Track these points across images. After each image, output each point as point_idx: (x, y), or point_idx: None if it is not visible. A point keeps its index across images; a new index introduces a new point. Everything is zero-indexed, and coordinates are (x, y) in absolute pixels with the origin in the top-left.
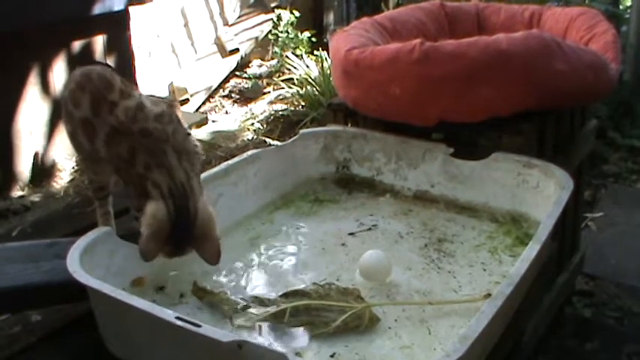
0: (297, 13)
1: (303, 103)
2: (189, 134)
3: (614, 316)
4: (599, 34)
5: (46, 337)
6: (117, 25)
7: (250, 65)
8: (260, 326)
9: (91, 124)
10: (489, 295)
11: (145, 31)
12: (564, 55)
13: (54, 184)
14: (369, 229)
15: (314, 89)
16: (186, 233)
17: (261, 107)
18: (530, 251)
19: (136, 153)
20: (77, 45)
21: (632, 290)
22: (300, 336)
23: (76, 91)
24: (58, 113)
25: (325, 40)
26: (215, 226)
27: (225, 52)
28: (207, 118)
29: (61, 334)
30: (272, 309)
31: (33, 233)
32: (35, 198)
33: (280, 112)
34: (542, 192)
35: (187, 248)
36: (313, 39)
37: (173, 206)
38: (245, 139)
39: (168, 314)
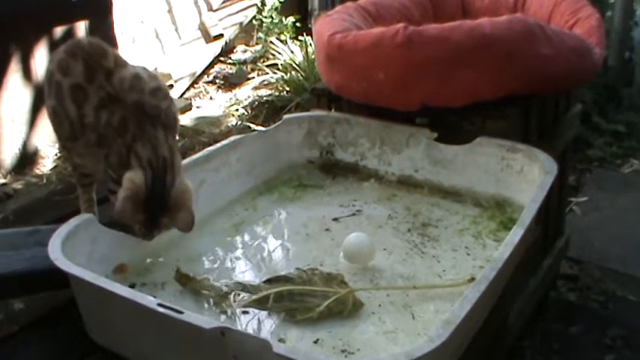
0: None
1: (287, 89)
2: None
3: (599, 300)
4: (584, 19)
5: (28, 326)
6: (99, 11)
7: (235, 51)
8: (243, 312)
9: (82, 89)
10: (473, 279)
11: (128, 17)
12: (548, 39)
13: (36, 171)
14: (353, 214)
15: (298, 74)
16: (161, 205)
17: (246, 93)
18: (514, 235)
19: (127, 124)
20: (59, 31)
21: (616, 274)
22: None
23: (66, 59)
24: (40, 100)
25: (310, 25)
26: (191, 198)
27: (209, 38)
28: (191, 104)
29: (44, 322)
30: (255, 295)
31: (15, 221)
32: (18, 185)
33: (265, 98)
34: (526, 176)
35: (161, 222)
36: (298, 24)
37: (151, 177)
38: (229, 124)
39: (150, 301)
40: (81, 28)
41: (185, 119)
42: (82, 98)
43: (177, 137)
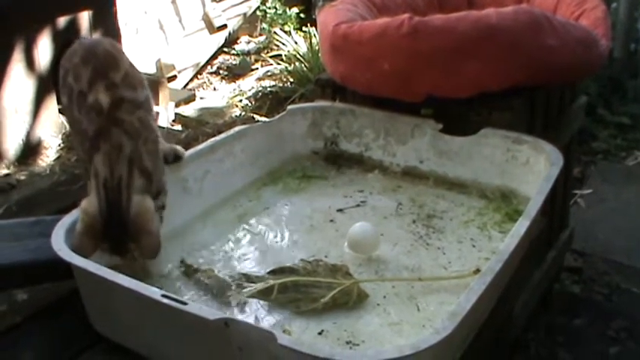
0: None
1: (291, 80)
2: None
3: (603, 293)
4: (590, 10)
5: (31, 316)
6: (103, 1)
7: (238, 41)
8: (247, 303)
9: (84, 95)
10: (478, 270)
11: (132, 7)
12: (554, 30)
13: (40, 162)
14: (358, 205)
15: (302, 65)
16: (121, 229)
17: (250, 84)
18: (520, 227)
19: (101, 135)
20: (62, 21)
21: (620, 266)
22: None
23: (79, 65)
24: (43, 90)
25: (314, 16)
26: (152, 219)
27: (212, 29)
28: (194, 94)
29: (47, 313)
30: (260, 286)
31: (19, 211)
32: (21, 176)
33: (268, 89)
34: (532, 168)
35: (129, 245)
36: (302, 15)
37: (105, 200)
38: (233, 115)
39: (154, 292)
40: (84, 18)
41: (189, 110)
42: (81, 104)
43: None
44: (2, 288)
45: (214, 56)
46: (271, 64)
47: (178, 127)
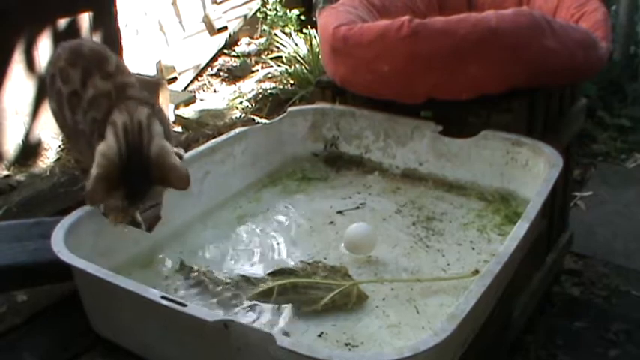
0: None
1: (291, 82)
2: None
3: (602, 295)
4: (589, 13)
5: (31, 317)
6: (103, 2)
7: (239, 43)
8: (247, 305)
9: (77, 95)
10: (477, 271)
11: (132, 9)
12: (554, 32)
13: (40, 163)
14: (358, 207)
15: (303, 67)
16: (141, 172)
17: (250, 85)
18: (519, 229)
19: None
20: (62, 22)
21: (620, 269)
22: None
23: (66, 68)
24: (44, 91)
25: (314, 18)
26: (170, 155)
27: (213, 30)
28: (195, 96)
29: (47, 314)
30: (259, 287)
31: (19, 213)
32: (21, 177)
33: (269, 91)
34: (531, 170)
35: (146, 193)
36: (302, 17)
37: (125, 143)
38: (233, 117)
39: (153, 293)
40: (84, 19)
41: (189, 112)
42: (76, 105)
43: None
44: (2, 289)
45: (215, 58)
46: (271, 66)
47: (178, 128)
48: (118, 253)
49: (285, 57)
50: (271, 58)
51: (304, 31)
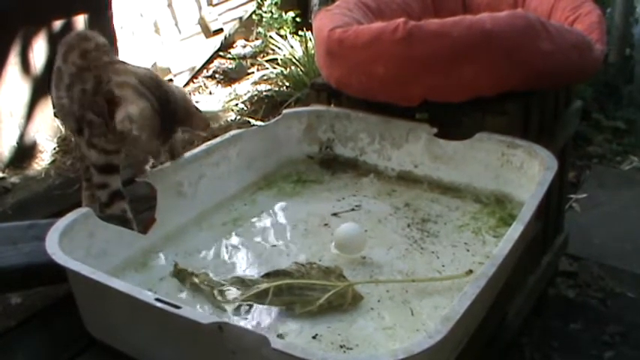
0: None
1: (287, 84)
2: None
3: (598, 297)
4: (584, 15)
5: (25, 320)
6: (99, 4)
7: (234, 45)
8: (242, 307)
9: (60, 72)
10: (471, 271)
11: (127, 11)
12: (549, 35)
13: (35, 165)
14: (353, 209)
15: (298, 69)
16: (171, 117)
17: (245, 88)
18: (514, 231)
19: (102, 76)
20: (58, 24)
21: (615, 271)
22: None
23: (58, 52)
24: (38, 93)
25: (310, 20)
26: (191, 100)
27: (209, 33)
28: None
29: (41, 317)
30: (254, 289)
31: (13, 215)
32: (16, 179)
33: (264, 93)
34: (526, 172)
35: (174, 127)
36: (297, 19)
37: (153, 96)
38: (228, 119)
39: (147, 296)
40: (80, 21)
41: None
42: (58, 81)
43: None
44: None
45: (210, 60)
46: (267, 68)
47: None
48: (112, 255)
49: (281, 59)
50: (267, 61)
51: (300, 33)
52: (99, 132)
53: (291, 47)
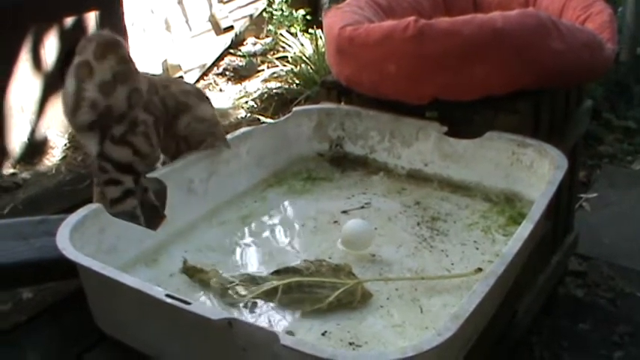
0: None
1: (297, 81)
2: None
3: (607, 297)
4: (595, 14)
5: (36, 315)
6: (110, 1)
7: (245, 43)
8: (251, 304)
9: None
10: (480, 269)
11: (138, 7)
12: (560, 34)
13: (45, 161)
14: (362, 207)
15: (308, 67)
16: None
17: (255, 85)
18: (524, 230)
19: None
20: (69, 21)
21: (625, 271)
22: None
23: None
24: (49, 89)
25: (320, 18)
26: None
27: (219, 30)
28: None
29: (52, 312)
30: (264, 286)
31: (24, 210)
32: (27, 175)
33: (274, 90)
34: (536, 171)
35: None
36: (308, 17)
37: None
38: (239, 117)
39: (158, 292)
40: (91, 18)
41: None
42: (85, 75)
43: None
44: (7, 287)
45: (221, 57)
46: (277, 66)
47: None
48: (122, 251)
49: (291, 57)
50: (277, 58)
51: (310, 31)
52: (143, 131)
53: (302, 45)
